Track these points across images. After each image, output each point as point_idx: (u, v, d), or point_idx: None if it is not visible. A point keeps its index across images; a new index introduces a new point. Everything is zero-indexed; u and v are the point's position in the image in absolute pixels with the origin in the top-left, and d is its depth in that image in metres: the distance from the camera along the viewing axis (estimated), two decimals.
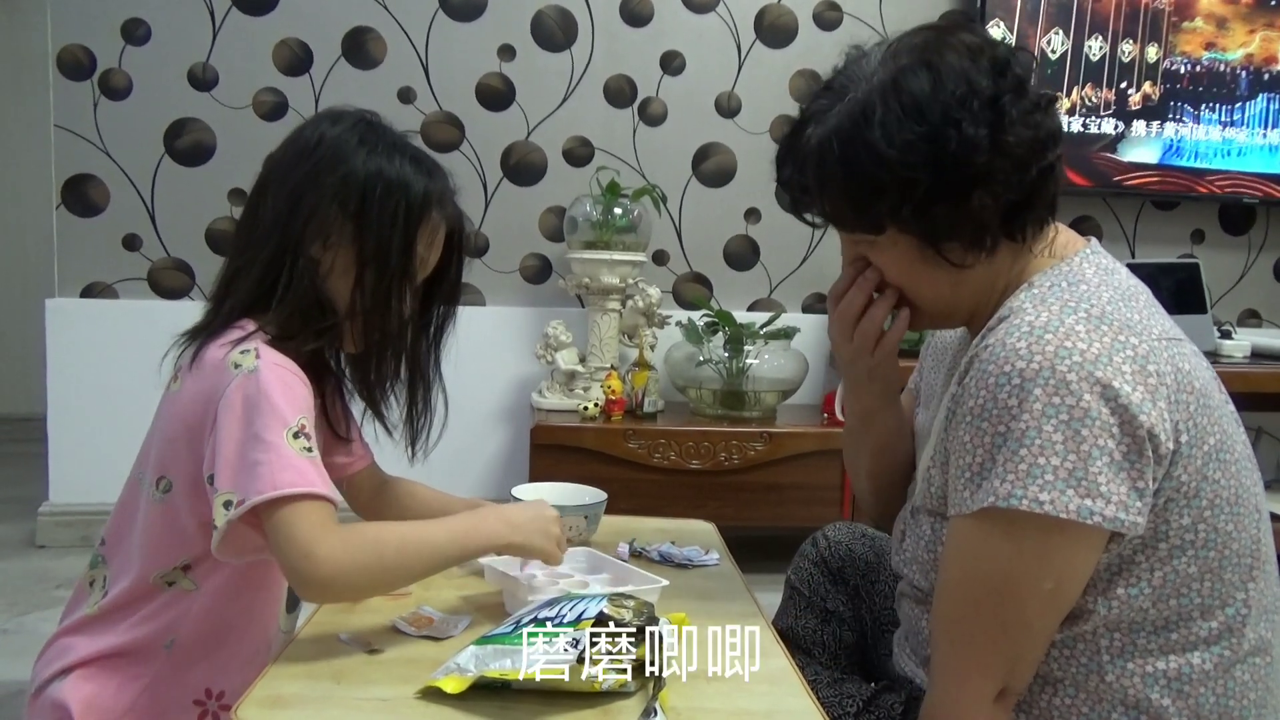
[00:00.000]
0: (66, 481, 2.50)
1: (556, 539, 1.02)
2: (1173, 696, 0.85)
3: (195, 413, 0.93)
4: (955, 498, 0.85)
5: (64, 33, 2.46)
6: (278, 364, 0.93)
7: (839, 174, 0.87)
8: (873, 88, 0.86)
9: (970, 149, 0.83)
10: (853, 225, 0.92)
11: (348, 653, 0.90)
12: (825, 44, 2.68)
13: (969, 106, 0.83)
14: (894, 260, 0.92)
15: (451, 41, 2.58)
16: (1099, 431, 0.77)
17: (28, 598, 2.14)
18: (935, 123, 0.83)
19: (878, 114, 0.84)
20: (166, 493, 0.96)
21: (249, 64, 2.52)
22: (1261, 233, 2.92)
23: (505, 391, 2.65)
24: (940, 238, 0.88)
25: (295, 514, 0.87)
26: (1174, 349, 0.84)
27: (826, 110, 0.88)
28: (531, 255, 2.67)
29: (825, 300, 1.06)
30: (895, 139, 0.83)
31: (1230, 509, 0.85)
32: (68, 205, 2.51)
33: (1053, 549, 0.80)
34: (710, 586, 1.16)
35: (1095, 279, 0.87)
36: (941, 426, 0.90)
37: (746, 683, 0.88)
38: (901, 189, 0.84)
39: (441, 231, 1.04)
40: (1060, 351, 0.78)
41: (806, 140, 0.89)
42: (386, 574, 0.93)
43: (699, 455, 2.30)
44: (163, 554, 0.97)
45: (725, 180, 2.71)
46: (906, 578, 1.03)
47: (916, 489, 0.99)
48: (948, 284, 0.91)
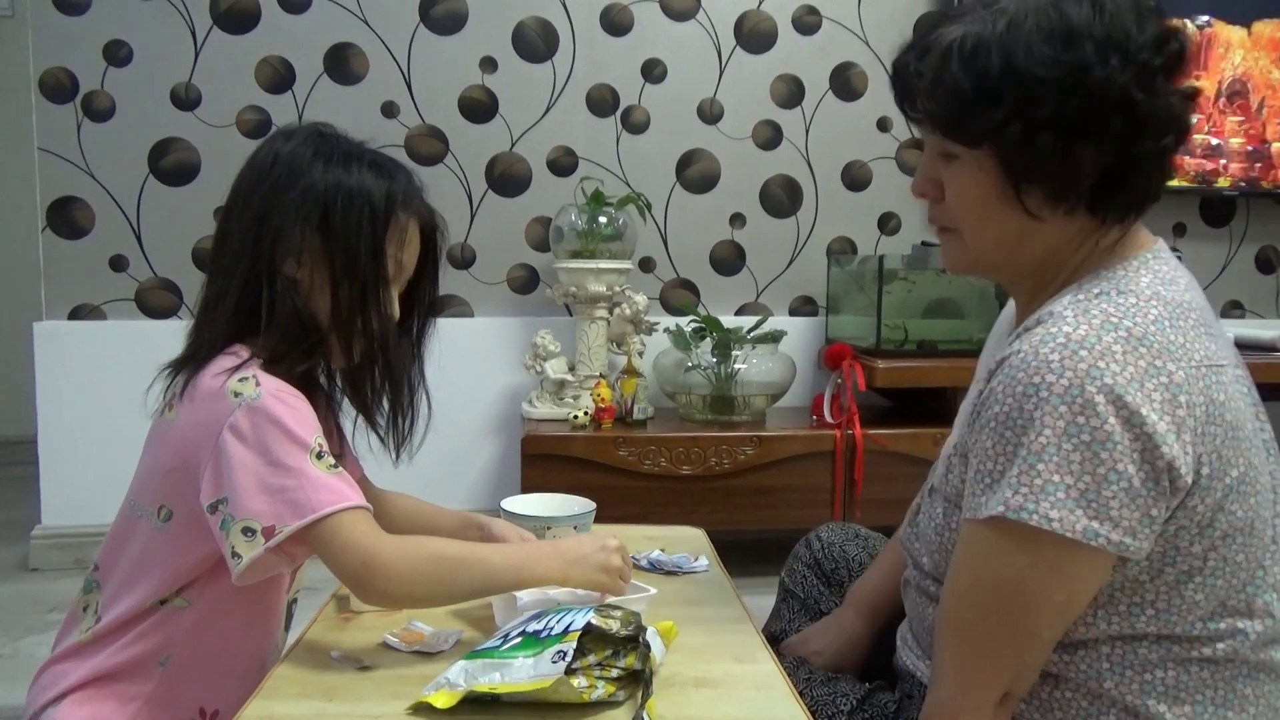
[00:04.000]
0: (59, 504, 2.50)
1: (618, 570, 1.00)
2: (1169, 703, 0.85)
3: (193, 442, 0.93)
4: (970, 500, 0.84)
5: (45, 56, 2.47)
6: (280, 389, 0.93)
7: (961, 72, 0.83)
8: (1028, 4, 0.83)
9: (1104, 91, 0.81)
10: (950, 130, 0.87)
11: (339, 670, 0.91)
12: (805, 49, 2.70)
13: (1122, 52, 0.81)
14: (971, 185, 0.88)
15: (433, 55, 2.59)
16: (1119, 456, 0.76)
17: (22, 622, 2.13)
18: (1083, 53, 0.81)
19: (1028, 24, 0.82)
20: (168, 521, 0.96)
21: (231, 82, 2.52)
22: (1243, 224, 2.94)
23: (495, 402, 2.66)
24: (1029, 175, 0.85)
25: (342, 526, 0.90)
26: (1211, 377, 0.82)
27: (971, 13, 0.86)
28: (518, 265, 2.68)
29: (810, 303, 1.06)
30: (1036, 53, 0.81)
31: (1243, 539, 0.83)
32: (53, 228, 2.51)
33: (1066, 563, 0.79)
34: (700, 593, 1.17)
35: (1148, 290, 0.84)
36: (967, 420, 0.89)
37: (735, 689, 0.89)
38: (1019, 104, 0.82)
39: (413, 231, 1.03)
40: (1093, 371, 0.77)
41: (939, 35, 0.86)
42: (442, 586, 0.95)
43: (689, 461, 2.31)
44: (166, 580, 0.97)
45: (709, 186, 2.72)
46: (913, 555, 1.02)
47: (937, 471, 0.99)
48: (1014, 232, 0.88)
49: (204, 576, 0.95)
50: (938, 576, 0.96)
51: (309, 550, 0.93)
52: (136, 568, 0.98)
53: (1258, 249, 2.96)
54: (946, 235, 0.95)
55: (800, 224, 2.76)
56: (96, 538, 1.05)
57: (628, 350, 2.50)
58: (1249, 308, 2.97)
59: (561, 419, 2.40)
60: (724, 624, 1.06)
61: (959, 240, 0.93)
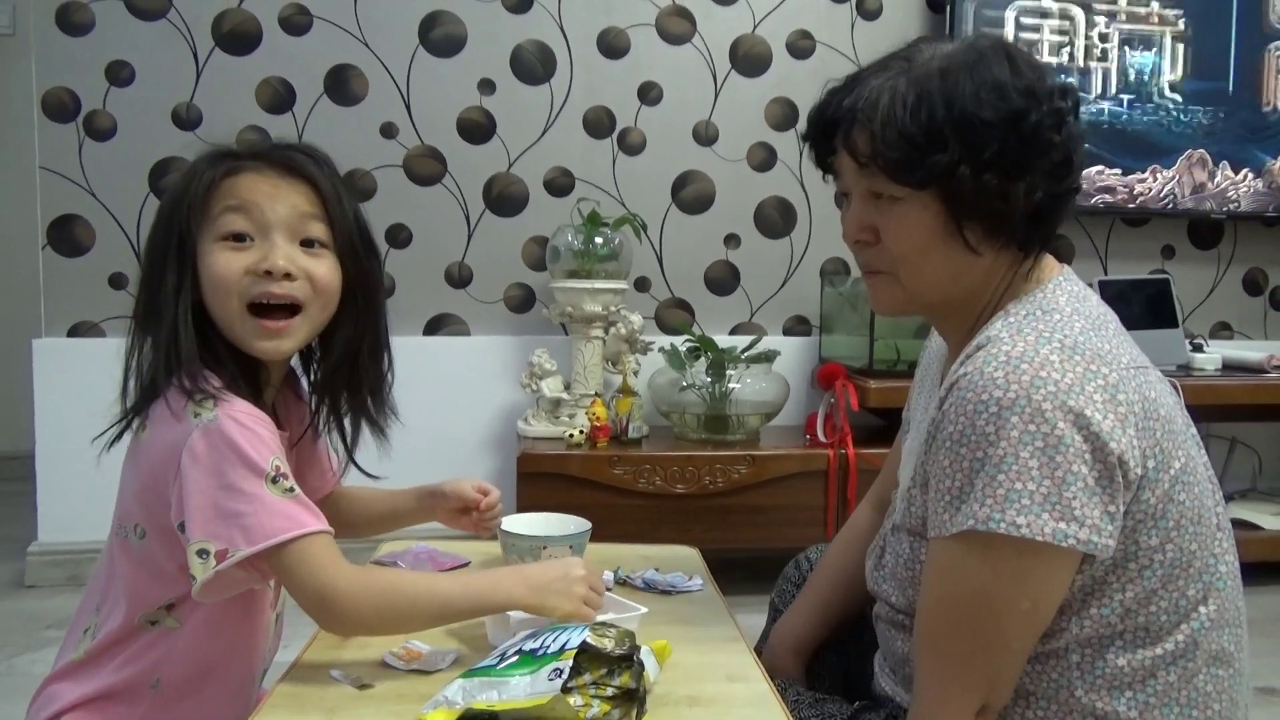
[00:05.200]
0: (55, 520, 2.51)
1: (583, 597, 0.98)
2: (1140, 709, 0.88)
3: (161, 462, 0.92)
4: (934, 520, 0.88)
5: (48, 76, 2.49)
6: (238, 411, 0.91)
7: (909, 118, 0.88)
8: (952, 61, 0.90)
9: (1034, 134, 0.88)
10: (901, 172, 0.90)
11: (338, 688, 0.92)
12: (799, 72, 2.74)
13: (1044, 100, 0.89)
14: (915, 225, 0.92)
15: (432, 77, 2.62)
16: (1073, 458, 0.81)
17: (18, 639, 2.14)
18: (1012, 102, 0.88)
19: (961, 77, 0.88)
20: (143, 539, 0.96)
21: (232, 103, 2.55)
22: (1230, 247, 2.98)
23: (491, 420, 2.68)
24: (972, 212, 0.90)
25: (301, 553, 0.90)
26: (1141, 377, 0.88)
27: (892, 70, 0.91)
28: (515, 285, 2.70)
29: (804, 323, 1.10)
30: (977, 100, 0.88)
31: (1194, 528, 0.89)
32: (54, 246, 2.53)
33: (1028, 570, 0.83)
34: (693, 612, 1.18)
35: (1068, 307, 0.91)
36: (922, 449, 0.93)
37: (728, 708, 0.90)
38: (966, 147, 0.87)
39: (237, 178, 0.94)
40: (1036, 381, 0.82)
41: (872, 86, 0.91)
42: (398, 618, 0.96)
43: (684, 479, 2.32)
44: (147, 596, 0.97)
45: (704, 207, 2.75)
46: (882, 596, 1.05)
47: (897, 508, 1.03)
48: (949, 270, 0.94)
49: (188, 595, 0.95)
50: (909, 610, 1.00)
51: (270, 572, 0.93)
52: (121, 586, 0.98)
53: (1245, 270, 3.00)
54: (879, 279, 0.98)
55: (794, 245, 2.79)
56: (93, 554, 1.06)
57: (623, 369, 2.52)
58: (1237, 329, 3.01)
59: (557, 437, 2.42)
60: (717, 643, 1.07)
61: (892, 282, 0.97)
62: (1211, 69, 2.80)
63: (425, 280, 2.66)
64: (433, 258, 2.66)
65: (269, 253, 0.94)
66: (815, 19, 2.74)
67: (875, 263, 0.98)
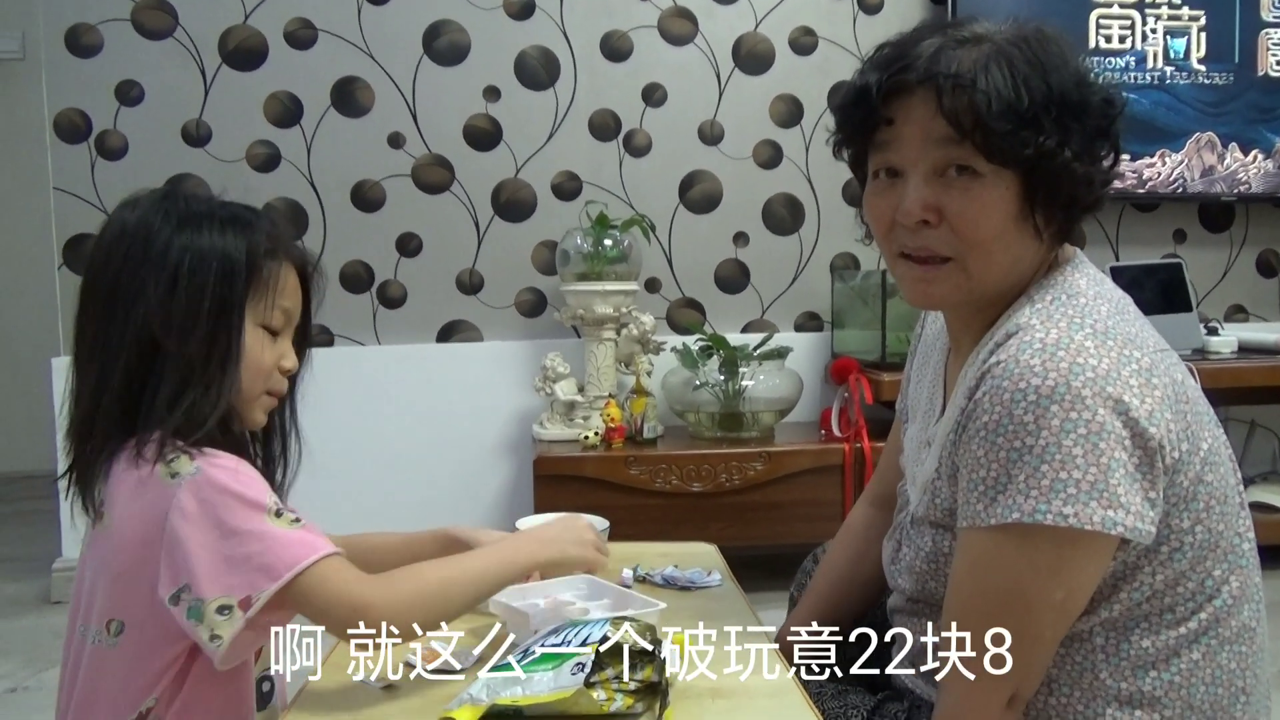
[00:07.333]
0: (79, 537, 2.52)
1: (593, 544, 1.04)
2: (1165, 688, 0.88)
3: (137, 540, 0.87)
4: (967, 510, 0.86)
5: (59, 98, 2.53)
6: (219, 458, 0.89)
7: (1017, 91, 0.83)
8: (1029, 41, 0.86)
9: (1113, 123, 0.88)
10: (1002, 148, 0.84)
11: (364, 691, 0.93)
12: (802, 69, 2.74)
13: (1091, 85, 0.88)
14: (993, 207, 0.86)
15: (437, 86, 2.63)
16: (1114, 445, 0.79)
17: (45, 654, 2.16)
18: (1100, 90, 0.88)
19: (1052, 59, 0.86)
20: (119, 635, 0.90)
21: (241, 118, 2.58)
22: (1242, 229, 2.96)
23: (506, 424, 2.69)
24: (1051, 197, 0.87)
25: (323, 578, 0.87)
26: (1167, 360, 0.87)
27: (964, 40, 0.86)
28: (526, 289, 2.71)
29: (815, 318, 1.09)
30: (1075, 82, 0.86)
31: (1221, 508, 0.88)
32: (70, 265, 2.55)
33: (1065, 560, 0.82)
34: (713, 606, 1.19)
35: (1090, 291, 0.90)
36: (948, 440, 0.91)
37: (750, 700, 0.91)
38: (1063, 129, 0.85)
39: (288, 275, 0.98)
40: (1074, 368, 0.80)
41: (957, 56, 0.85)
42: (436, 609, 0.94)
43: (700, 478, 2.33)
44: (128, 698, 0.90)
45: (712, 206, 2.76)
46: (899, 588, 1.05)
47: (916, 500, 1.02)
48: (1014, 256, 0.89)
49: (169, 685, 0.90)
50: (927, 599, 1.00)
51: (288, 615, 0.90)
52: (94, 696, 0.92)
53: (1258, 252, 2.98)
54: (941, 268, 0.90)
55: (803, 241, 2.79)
56: None
57: (636, 370, 2.53)
58: (1252, 311, 2.99)
59: (572, 439, 2.43)
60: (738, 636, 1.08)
61: (957, 271, 0.89)
62: (1217, 50, 2.79)
63: (436, 288, 2.67)
64: (443, 265, 2.68)
65: (287, 353, 1.00)
66: (817, 15, 2.74)
67: (939, 247, 0.88)
